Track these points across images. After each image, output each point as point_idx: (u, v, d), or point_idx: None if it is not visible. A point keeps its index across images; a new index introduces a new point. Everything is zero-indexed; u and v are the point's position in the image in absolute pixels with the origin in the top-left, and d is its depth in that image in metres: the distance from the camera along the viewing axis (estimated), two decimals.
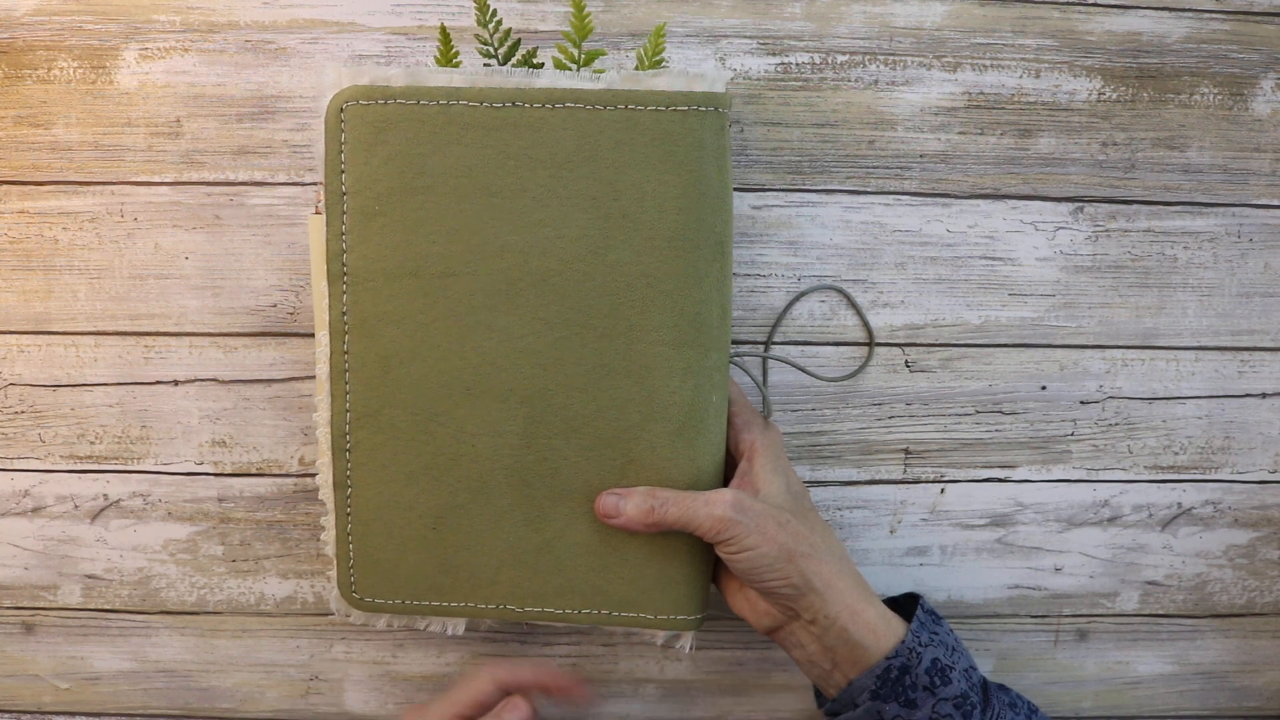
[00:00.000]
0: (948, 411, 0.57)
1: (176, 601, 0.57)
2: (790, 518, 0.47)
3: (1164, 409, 0.57)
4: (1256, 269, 0.56)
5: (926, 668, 0.46)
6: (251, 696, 0.58)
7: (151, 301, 0.54)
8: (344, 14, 0.52)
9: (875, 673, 0.46)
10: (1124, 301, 0.56)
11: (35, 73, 0.52)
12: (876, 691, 0.46)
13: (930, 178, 0.54)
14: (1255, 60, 0.54)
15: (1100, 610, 0.59)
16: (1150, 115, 0.54)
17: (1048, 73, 0.54)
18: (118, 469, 0.56)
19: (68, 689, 0.58)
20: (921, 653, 0.47)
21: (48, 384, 0.55)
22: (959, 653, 0.48)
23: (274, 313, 0.54)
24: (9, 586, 0.57)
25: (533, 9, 0.52)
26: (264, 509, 0.56)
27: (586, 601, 0.50)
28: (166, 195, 0.53)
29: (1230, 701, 0.61)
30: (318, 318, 0.48)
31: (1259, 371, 0.57)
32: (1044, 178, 0.55)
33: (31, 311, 0.54)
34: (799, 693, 0.59)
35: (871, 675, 0.46)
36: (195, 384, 0.55)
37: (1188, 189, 0.55)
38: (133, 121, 0.53)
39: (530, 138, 0.45)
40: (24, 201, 0.53)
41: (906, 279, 0.55)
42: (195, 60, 0.52)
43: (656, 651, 0.59)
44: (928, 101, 0.54)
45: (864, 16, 0.53)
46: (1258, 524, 0.59)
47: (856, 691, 0.47)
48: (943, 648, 0.47)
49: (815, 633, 0.48)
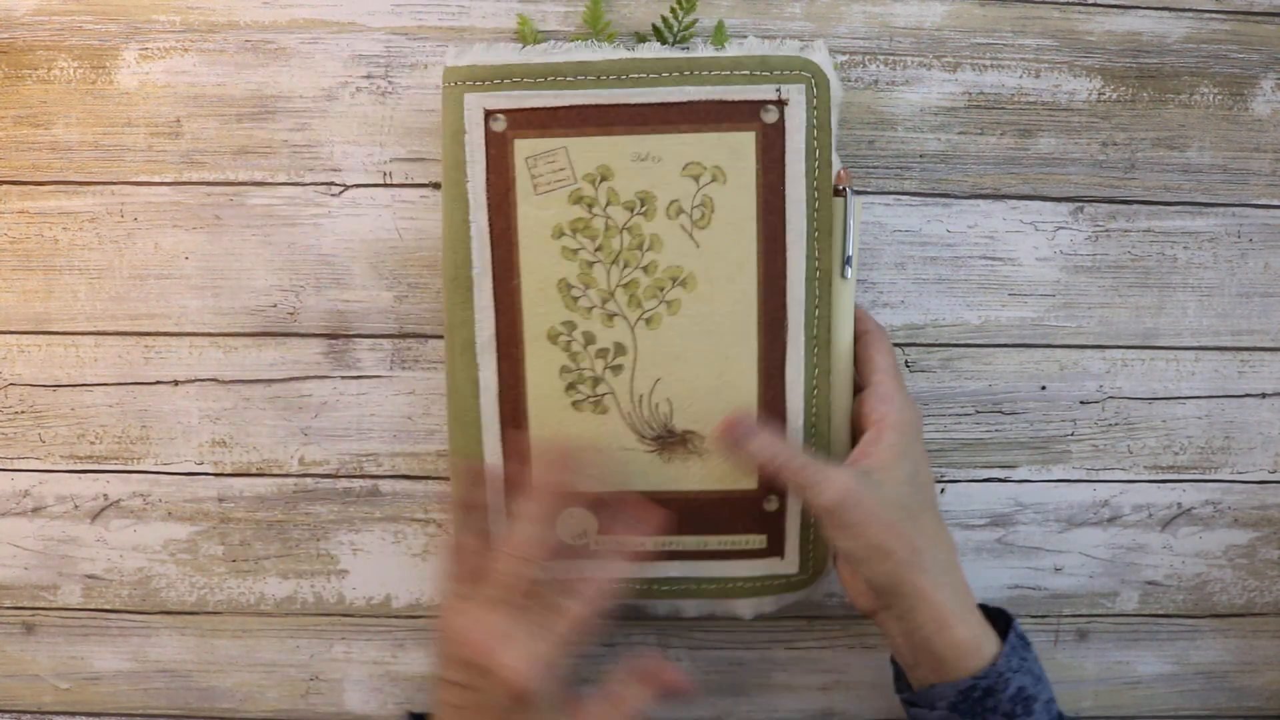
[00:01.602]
0: (948, 411, 0.57)
1: (176, 601, 0.57)
2: (900, 518, 0.45)
3: (1164, 409, 0.57)
4: (1256, 269, 0.56)
5: (1011, 695, 0.45)
6: (251, 696, 0.58)
7: (151, 301, 0.54)
8: (344, 14, 0.52)
9: (960, 687, 0.45)
10: (1124, 301, 0.56)
11: (35, 73, 0.52)
12: (956, 704, 0.45)
13: (930, 178, 0.54)
14: (1255, 60, 0.54)
15: (1100, 610, 0.59)
16: (1150, 115, 0.54)
17: (1048, 73, 0.54)
18: (118, 469, 0.56)
19: (68, 689, 0.58)
20: (1010, 679, 0.45)
21: (48, 384, 0.55)
22: (1043, 684, 0.47)
23: (274, 313, 0.54)
24: (9, 586, 0.57)
25: (533, 9, 0.52)
26: (264, 509, 0.56)
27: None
28: (166, 195, 0.53)
29: (1230, 701, 0.61)
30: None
31: (1259, 371, 0.57)
32: (1044, 178, 0.55)
33: (31, 311, 0.54)
34: (799, 693, 0.59)
35: (955, 688, 0.45)
36: (195, 384, 0.55)
37: (1188, 189, 0.55)
38: (133, 121, 0.53)
39: None
40: (24, 201, 0.53)
41: (906, 279, 0.55)
42: (195, 60, 0.52)
43: (656, 652, 0.58)
44: (928, 101, 0.54)
45: (864, 16, 0.53)
46: (1258, 524, 0.59)
47: (937, 696, 0.46)
48: (1030, 676, 0.46)
49: (903, 630, 0.47)
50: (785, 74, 0.48)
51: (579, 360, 0.50)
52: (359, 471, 0.56)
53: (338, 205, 0.53)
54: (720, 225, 0.48)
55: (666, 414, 0.50)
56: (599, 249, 0.49)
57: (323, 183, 0.53)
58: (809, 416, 0.50)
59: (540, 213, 0.49)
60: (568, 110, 0.48)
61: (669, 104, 0.48)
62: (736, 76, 0.48)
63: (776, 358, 0.50)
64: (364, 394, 0.55)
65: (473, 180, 0.49)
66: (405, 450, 0.56)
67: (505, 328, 0.50)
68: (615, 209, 0.49)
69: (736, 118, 0.48)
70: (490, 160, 0.49)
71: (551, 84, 0.48)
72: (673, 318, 0.50)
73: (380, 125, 0.53)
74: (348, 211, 0.54)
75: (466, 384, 0.50)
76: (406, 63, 0.52)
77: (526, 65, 0.48)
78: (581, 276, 0.49)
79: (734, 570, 0.52)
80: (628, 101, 0.48)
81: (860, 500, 0.45)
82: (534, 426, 0.51)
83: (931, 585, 0.45)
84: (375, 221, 0.53)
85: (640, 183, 0.48)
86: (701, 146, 0.48)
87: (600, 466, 0.50)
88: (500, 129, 0.48)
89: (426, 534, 0.57)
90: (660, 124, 0.48)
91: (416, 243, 0.54)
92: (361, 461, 0.56)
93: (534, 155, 0.48)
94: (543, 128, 0.48)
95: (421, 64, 0.52)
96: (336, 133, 0.53)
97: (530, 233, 0.49)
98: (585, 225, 0.49)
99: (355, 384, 0.55)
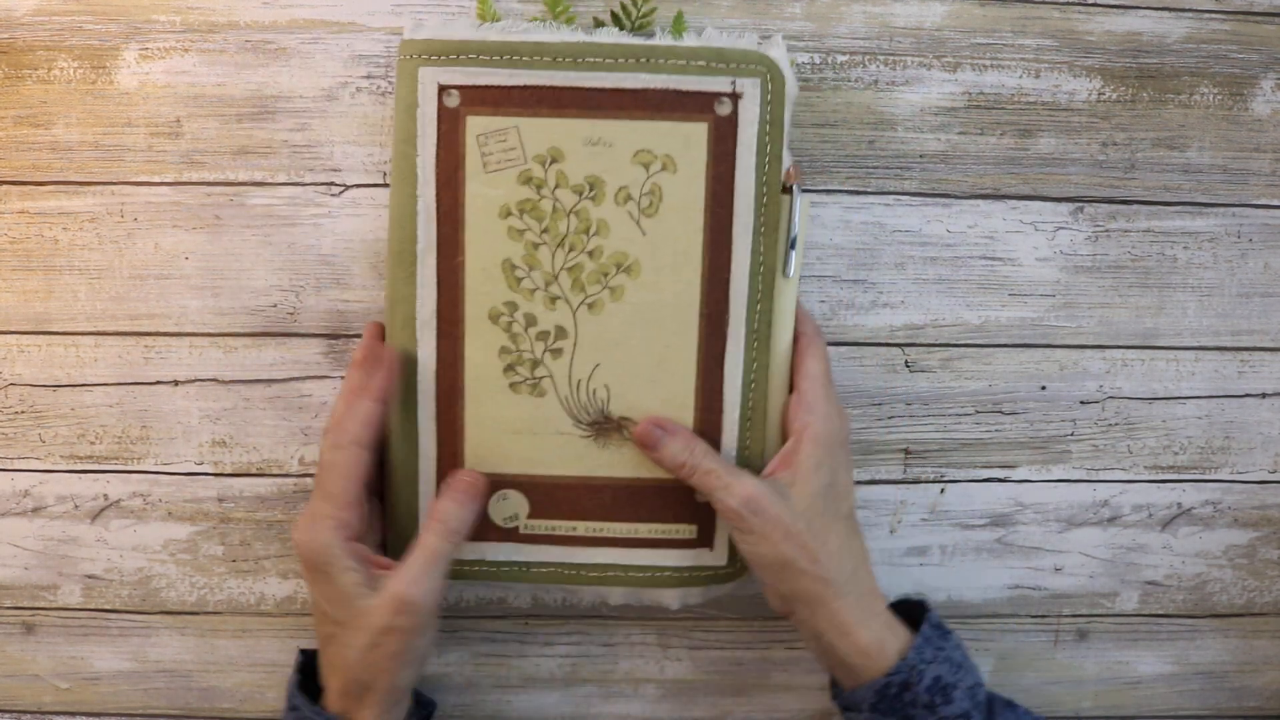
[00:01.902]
0: (947, 411, 0.57)
1: (176, 601, 0.57)
2: (804, 528, 0.46)
3: (1164, 409, 0.57)
4: (1256, 269, 0.56)
5: (928, 685, 0.46)
6: (251, 696, 0.58)
7: (151, 301, 0.54)
8: (344, 14, 0.52)
9: (875, 687, 0.46)
10: (1124, 301, 0.56)
11: (35, 73, 0.52)
12: (875, 705, 0.46)
13: (930, 178, 0.54)
14: (1255, 60, 0.54)
15: (1100, 610, 0.59)
16: (1150, 115, 0.54)
17: (1048, 73, 0.54)
18: (118, 469, 0.56)
19: (68, 689, 0.58)
20: (924, 670, 0.46)
21: (48, 384, 0.55)
22: (965, 669, 0.47)
23: (274, 313, 0.54)
24: (9, 586, 0.57)
25: (533, 8, 0.52)
26: (264, 509, 0.56)
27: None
28: (166, 195, 0.53)
29: (1230, 701, 0.61)
30: None
31: (1259, 371, 0.57)
32: (1044, 178, 0.55)
33: (31, 311, 0.54)
34: (799, 692, 0.59)
35: (871, 689, 0.46)
36: (195, 384, 0.55)
37: (1188, 189, 0.55)
38: (133, 121, 0.53)
39: None
40: (24, 201, 0.53)
41: (906, 279, 0.55)
42: (195, 60, 0.52)
43: (656, 651, 0.59)
44: (928, 101, 0.54)
45: (864, 16, 0.53)
46: (1258, 524, 0.59)
47: (859, 700, 0.47)
48: (947, 664, 0.47)
49: (808, 635, 0.48)
50: (741, 67, 0.48)
51: (519, 342, 0.50)
52: None
53: (338, 205, 0.53)
54: (667, 214, 0.48)
55: (604, 400, 0.50)
56: (545, 231, 0.49)
57: (323, 183, 0.53)
58: (744, 410, 0.50)
59: (489, 191, 0.48)
60: (522, 90, 0.48)
61: (623, 90, 0.47)
62: (692, 67, 0.47)
63: (716, 350, 0.50)
64: None
65: (423, 155, 0.48)
66: None
67: (446, 305, 0.49)
68: (564, 192, 0.48)
69: (690, 108, 0.48)
70: (441, 136, 0.48)
71: (507, 63, 0.47)
72: (615, 304, 0.49)
73: (380, 125, 0.53)
74: (348, 211, 0.54)
75: (405, 360, 0.50)
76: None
77: (483, 43, 0.47)
78: (526, 258, 0.49)
79: (662, 559, 0.52)
80: (582, 85, 0.47)
81: (764, 508, 0.46)
82: (470, 406, 0.50)
83: (832, 594, 0.46)
84: (375, 221, 0.53)
85: (590, 167, 0.48)
86: (654, 135, 0.48)
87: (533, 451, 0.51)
88: (453, 105, 0.48)
89: None
90: (613, 109, 0.48)
91: None
92: None
93: (485, 133, 0.48)
94: (496, 106, 0.48)
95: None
96: (336, 133, 0.53)
97: (477, 211, 0.49)
98: (533, 206, 0.49)
99: None
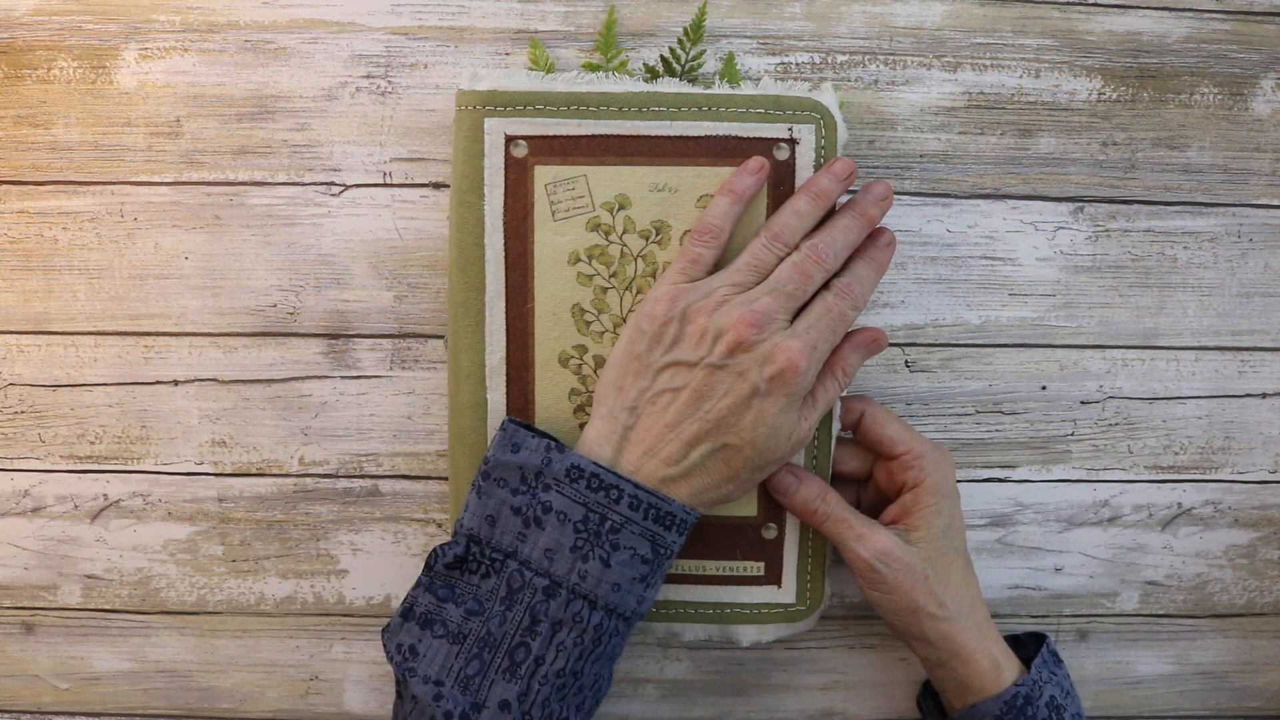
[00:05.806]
0: (948, 411, 0.57)
1: (176, 601, 0.57)
2: (930, 574, 0.49)
3: (1164, 409, 0.57)
4: (1256, 269, 0.56)
5: (1046, 702, 0.49)
6: (251, 696, 0.58)
7: (151, 301, 0.54)
8: (344, 14, 0.52)
9: (1003, 698, 0.48)
10: (1124, 301, 0.56)
11: (35, 73, 0.52)
12: (1000, 717, 0.48)
13: (930, 178, 0.54)
14: (1255, 60, 0.54)
15: (1100, 610, 0.59)
16: (1150, 115, 0.54)
17: (1048, 73, 0.54)
18: (118, 469, 0.56)
19: (68, 689, 0.58)
20: (1043, 688, 0.49)
21: (48, 384, 0.55)
22: (1072, 697, 0.51)
23: (274, 313, 0.54)
24: (9, 586, 0.57)
25: (533, 9, 0.52)
26: (264, 509, 0.56)
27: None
28: (166, 195, 0.53)
29: (1230, 701, 0.61)
30: None
31: (1259, 371, 0.57)
32: (1044, 178, 0.55)
33: (31, 311, 0.54)
34: (799, 692, 0.59)
35: (999, 701, 0.48)
36: (195, 384, 0.55)
37: (1188, 189, 0.55)
38: (133, 121, 0.53)
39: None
40: (24, 201, 0.53)
41: (906, 279, 0.55)
42: (195, 60, 0.52)
43: (656, 651, 0.59)
44: (928, 101, 0.54)
45: (864, 16, 0.53)
46: (1258, 524, 0.59)
47: (980, 714, 0.49)
48: (1059, 689, 0.50)
49: (927, 660, 0.51)
50: (797, 114, 0.49)
51: (589, 384, 0.51)
52: (359, 471, 0.56)
53: (337, 205, 0.54)
54: (730, 256, 0.49)
55: None
56: (613, 275, 0.50)
57: (322, 183, 0.53)
58: (810, 449, 0.51)
59: (557, 238, 0.50)
60: (589, 139, 0.49)
61: (687, 138, 0.49)
62: (751, 115, 0.49)
63: None
64: (364, 394, 0.55)
65: (490, 204, 0.49)
66: (405, 450, 0.56)
67: (516, 351, 0.50)
68: (631, 237, 0.50)
69: (750, 153, 0.49)
70: (509, 185, 0.49)
71: (574, 113, 0.49)
72: None
73: (380, 125, 0.53)
74: (348, 211, 0.54)
75: (473, 406, 0.51)
76: (406, 63, 0.52)
77: (550, 93, 0.49)
78: (595, 302, 0.50)
79: (731, 596, 0.53)
80: (647, 133, 0.49)
81: (896, 559, 0.48)
82: None
83: (956, 630, 0.49)
84: (375, 221, 0.54)
85: (656, 212, 0.49)
86: (716, 180, 0.49)
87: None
88: (521, 155, 0.49)
89: (426, 534, 0.57)
90: (678, 156, 0.49)
91: (416, 243, 0.54)
92: (361, 461, 0.56)
93: (554, 182, 0.49)
94: (564, 155, 0.49)
95: (421, 64, 0.52)
96: (336, 133, 0.53)
97: (546, 257, 0.50)
98: (601, 252, 0.50)
99: (355, 384, 0.55)
